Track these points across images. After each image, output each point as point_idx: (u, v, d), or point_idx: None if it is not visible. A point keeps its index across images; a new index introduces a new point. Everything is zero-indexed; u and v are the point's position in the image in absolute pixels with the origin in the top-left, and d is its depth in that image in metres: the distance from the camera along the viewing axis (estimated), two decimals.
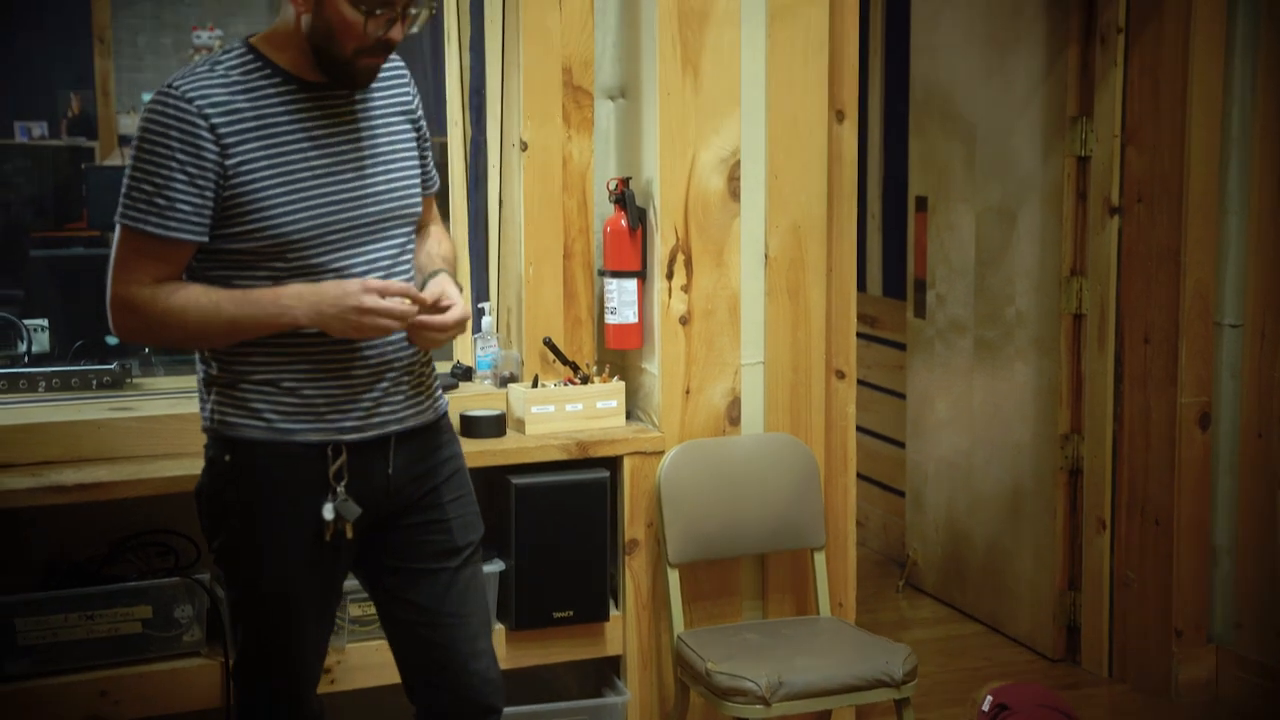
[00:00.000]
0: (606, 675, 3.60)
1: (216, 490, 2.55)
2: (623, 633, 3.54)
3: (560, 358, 3.55)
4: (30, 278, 5.66)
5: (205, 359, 2.55)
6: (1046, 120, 4.35)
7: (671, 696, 3.52)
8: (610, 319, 3.59)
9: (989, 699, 3.53)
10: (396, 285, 2.46)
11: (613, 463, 3.50)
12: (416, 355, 2.60)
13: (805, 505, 3.59)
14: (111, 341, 3.75)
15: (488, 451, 3.36)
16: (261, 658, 2.63)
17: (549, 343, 3.55)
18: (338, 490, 2.51)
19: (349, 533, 2.53)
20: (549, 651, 3.49)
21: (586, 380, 3.56)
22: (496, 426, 3.45)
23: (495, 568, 3.39)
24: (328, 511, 2.50)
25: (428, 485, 2.64)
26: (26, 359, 3.66)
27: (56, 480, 3.06)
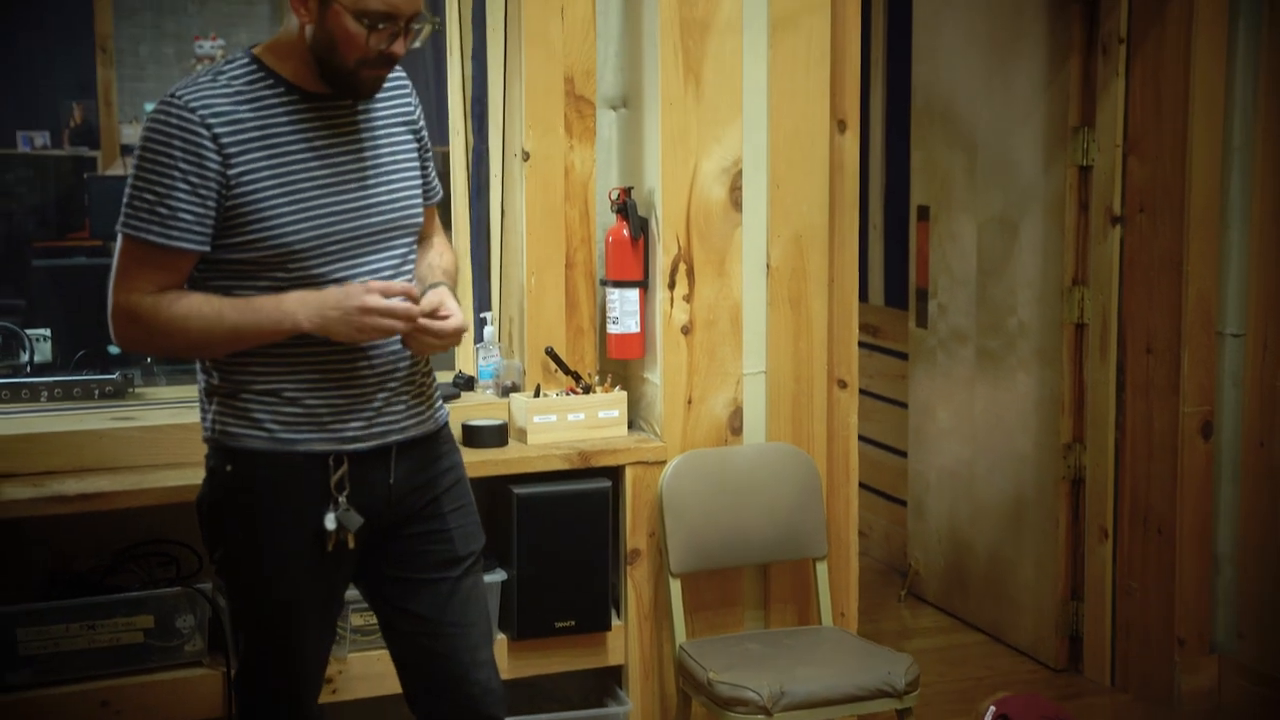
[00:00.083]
0: (608, 685, 3.60)
1: (217, 500, 2.55)
2: (624, 642, 3.54)
3: (562, 367, 3.55)
4: (32, 287, 5.68)
5: (206, 369, 2.55)
6: (1048, 130, 4.35)
7: (673, 706, 3.51)
8: (612, 328, 3.59)
9: (991, 710, 3.53)
10: (398, 285, 2.47)
11: (615, 472, 3.50)
12: (417, 365, 2.61)
13: (807, 515, 3.59)
14: (114, 351, 3.75)
15: (490, 461, 3.36)
16: (263, 667, 2.63)
17: (551, 352, 3.55)
18: (339, 500, 2.51)
19: (351, 542, 2.53)
20: (550, 661, 3.48)
21: (588, 390, 3.55)
22: (498, 436, 3.45)
23: (497, 577, 3.39)
24: (329, 521, 2.50)
25: (429, 495, 2.64)
26: (29, 369, 3.66)
27: (58, 490, 3.06)
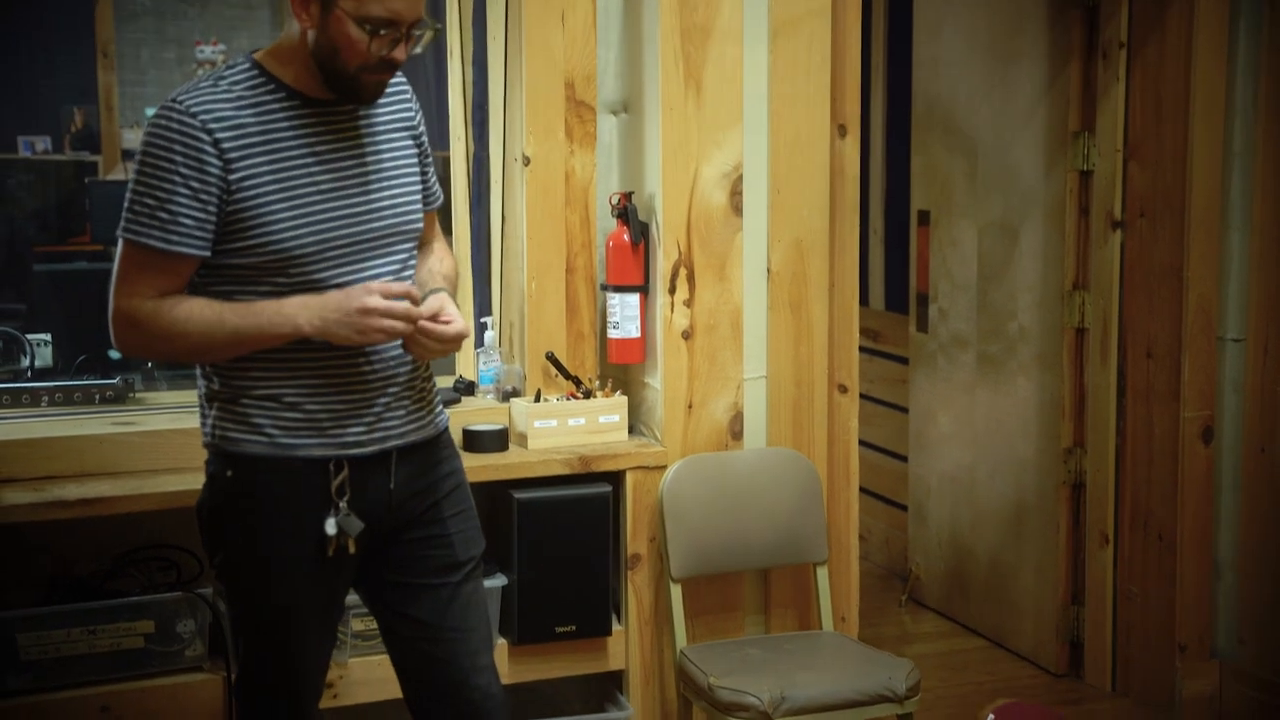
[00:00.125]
0: (609, 690, 3.60)
1: (218, 505, 2.55)
2: (625, 647, 3.54)
3: (563, 372, 3.55)
4: (33, 292, 5.67)
5: (206, 374, 2.55)
6: (1048, 135, 4.35)
7: (674, 711, 3.51)
8: (612, 333, 3.59)
9: (991, 718, 3.52)
10: (399, 287, 2.47)
11: (615, 477, 3.50)
12: (417, 370, 2.61)
13: (808, 520, 3.58)
14: (114, 356, 3.75)
15: (490, 466, 3.36)
16: (263, 673, 2.63)
17: (551, 357, 3.55)
18: (340, 505, 2.51)
19: (351, 548, 2.53)
20: (551, 666, 3.48)
21: (589, 395, 3.55)
22: (499, 441, 3.45)
23: (497, 582, 3.39)
24: (330, 526, 2.50)
25: (429, 500, 2.64)
26: (29, 373, 3.66)
27: (59, 495, 3.06)
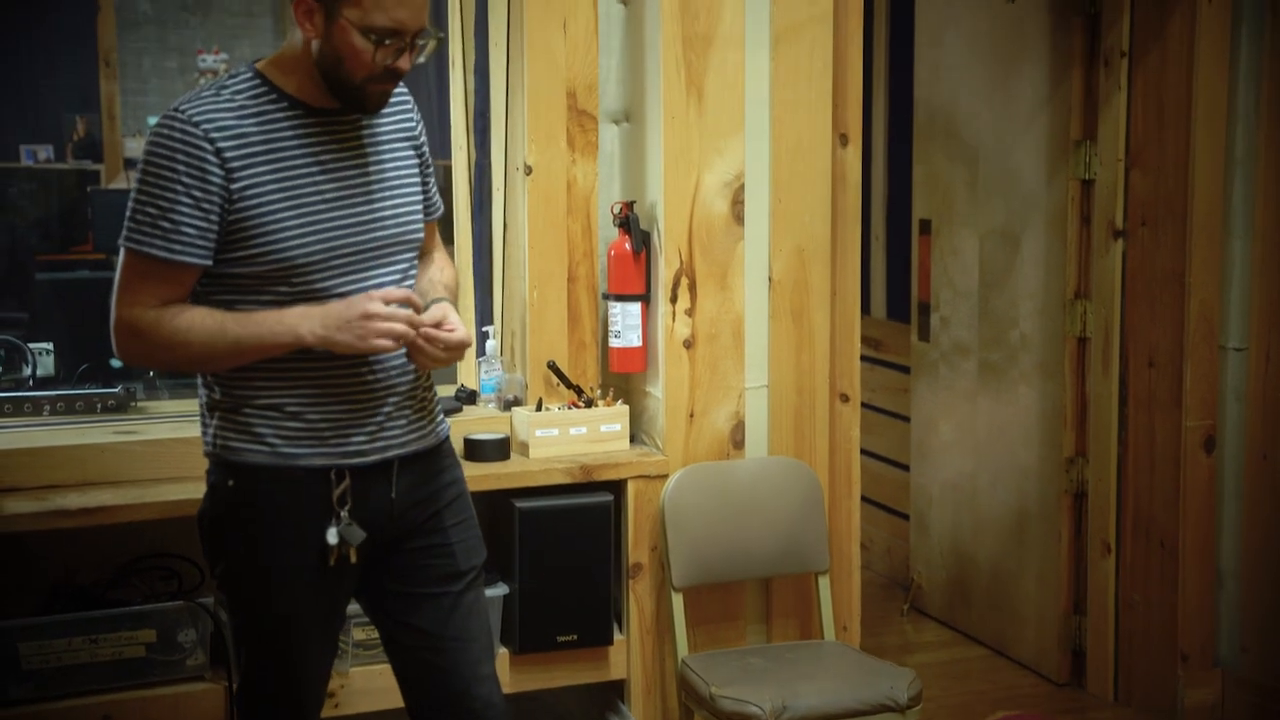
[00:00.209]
0: (610, 699, 3.60)
1: (219, 515, 2.55)
2: (626, 657, 3.54)
3: (564, 381, 3.55)
4: (35, 301, 5.68)
5: (208, 383, 2.55)
6: (1050, 143, 4.35)
7: None
8: (614, 342, 3.59)
9: None
10: (400, 293, 2.47)
11: (617, 486, 3.50)
12: (418, 380, 2.61)
13: (809, 529, 3.58)
14: (116, 365, 3.75)
15: (492, 475, 3.36)
16: (264, 682, 2.62)
17: (553, 366, 3.55)
18: (341, 515, 2.51)
19: (353, 557, 2.53)
20: (553, 675, 3.48)
21: (590, 404, 3.55)
22: (500, 450, 3.45)
23: (499, 591, 3.39)
24: (331, 536, 2.50)
25: (430, 510, 2.64)
26: (31, 382, 3.66)
27: (61, 504, 3.06)
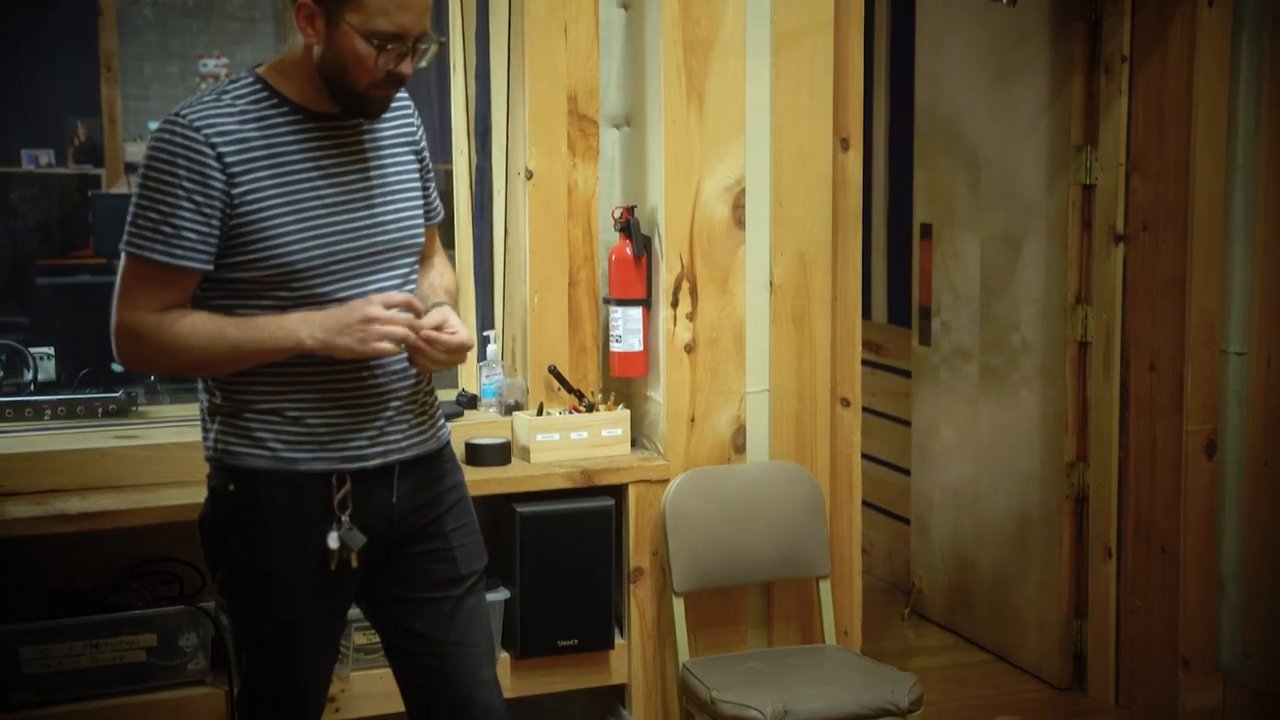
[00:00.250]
0: (611, 704, 3.60)
1: (220, 519, 2.55)
2: (628, 661, 3.54)
3: (565, 386, 3.55)
4: (36, 305, 5.68)
5: (209, 388, 2.55)
6: (1051, 148, 4.35)
7: None
8: (615, 347, 3.59)
9: None
10: (400, 297, 2.47)
11: (618, 491, 3.50)
12: (419, 384, 2.61)
13: (810, 533, 3.58)
14: (117, 369, 3.74)
15: (493, 480, 3.36)
16: (265, 687, 2.62)
17: (554, 370, 3.55)
18: (342, 519, 2.51)
19: (354, 562, 2.53)
20: (554, 680, 3.48)
21: (591, 408, 3.55)
22: (501, 454, 3.45)
23: (500, 596, 3.39)
24: (332, 540, 2.50)
25: (431, 514, 2.63)
26: (32, 387, 3.66)
27: (62, 509, 3.06)
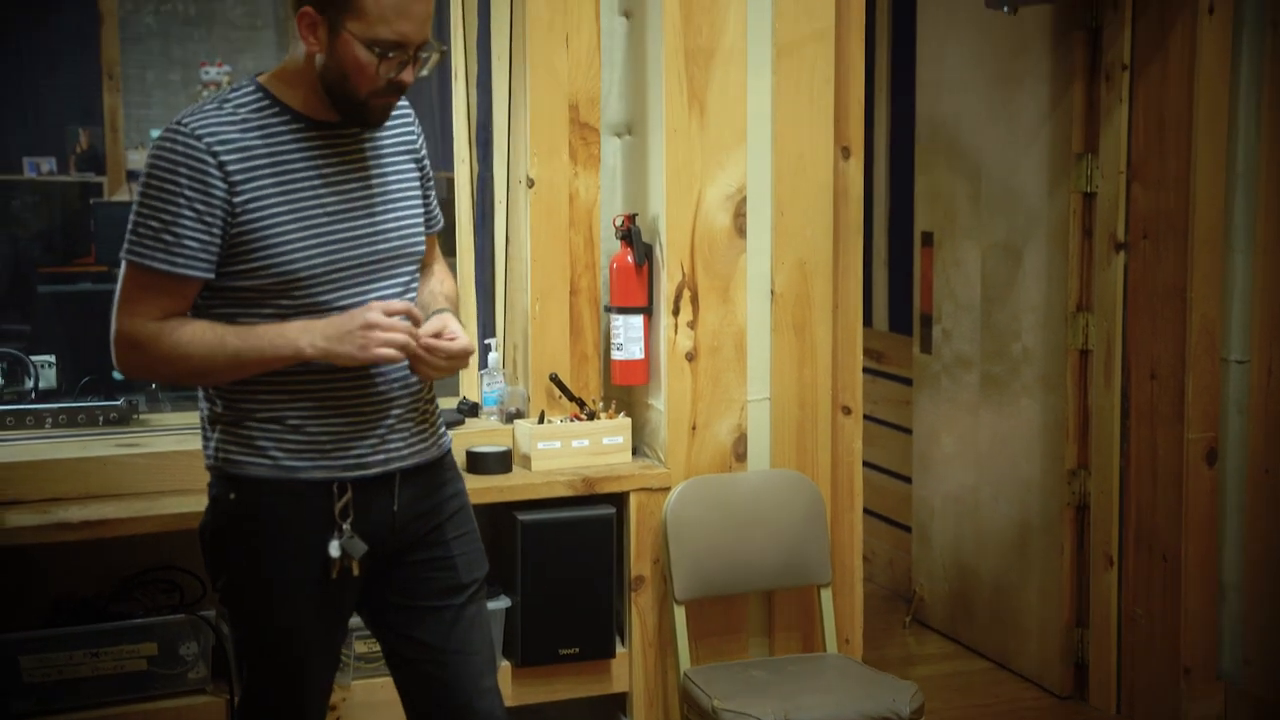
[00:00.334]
0: (613, 712, 3.59)
1: (220, 528, 2.55)
2: (629, 670, 3.53)
3: (566, 394, 3.55)
4: (37, 313, 5.68)
5: (210, 396, 2.55)
6: (1052, 157, 4.35)
7: None
8: (616, 355, 3.59)
9: None
10: (399, 304, 2.47)
11: (619, 499, 3.50)
12: (420, 392, 2.61)
13: (812, 541, 3.58)
14: (118, 377, 3.75)
15: (494, 488, 3.36)
16: (266, 695, 2.62)
17: (555, 379, 3.55)
18: (343, 527, 2.51)
19: (355, 570, 2.53)
20: (555, 688, 3.48)
21: (593, 416, 3.55)
22: (502, 463, 3.45)
23: (501, 604, 3.39)
24: (333, 549, 2.50)
25: (432, 522, 2.64)
26: (33, 395, 3.66)
27: (63, 517, 3.06)
